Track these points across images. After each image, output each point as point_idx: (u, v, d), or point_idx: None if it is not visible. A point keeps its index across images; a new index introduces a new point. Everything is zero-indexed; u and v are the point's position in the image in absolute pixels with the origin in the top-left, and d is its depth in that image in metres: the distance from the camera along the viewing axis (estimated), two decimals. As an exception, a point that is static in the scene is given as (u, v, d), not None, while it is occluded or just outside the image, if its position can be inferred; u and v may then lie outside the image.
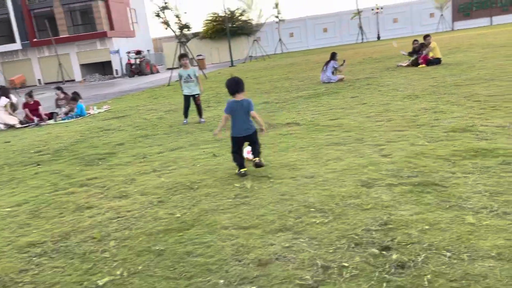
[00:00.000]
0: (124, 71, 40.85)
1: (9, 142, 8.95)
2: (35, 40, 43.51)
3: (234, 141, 4.64)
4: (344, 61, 13.13)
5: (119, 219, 3.78)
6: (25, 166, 6.37)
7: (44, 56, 44.77)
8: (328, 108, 8.02)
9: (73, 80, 43.53)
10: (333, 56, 12.49)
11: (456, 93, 7.82)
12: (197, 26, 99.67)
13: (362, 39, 49.51)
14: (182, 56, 8.84)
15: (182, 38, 20.43)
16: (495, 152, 4.24)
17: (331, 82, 12.13)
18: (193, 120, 8.56)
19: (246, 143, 4.71)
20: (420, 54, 13.49)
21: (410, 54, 14.10)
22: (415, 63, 13.54)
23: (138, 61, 40.18)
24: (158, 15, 19.97)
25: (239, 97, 4.62)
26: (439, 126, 5.55)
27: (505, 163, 3.91)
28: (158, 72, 42.69)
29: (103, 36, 42.73)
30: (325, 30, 53.99)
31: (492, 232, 2.74)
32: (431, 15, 51.88)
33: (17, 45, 44.26)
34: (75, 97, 12.31)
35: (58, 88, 12.91)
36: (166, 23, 19.86)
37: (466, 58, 13.97)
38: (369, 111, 7.22)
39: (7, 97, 11.66)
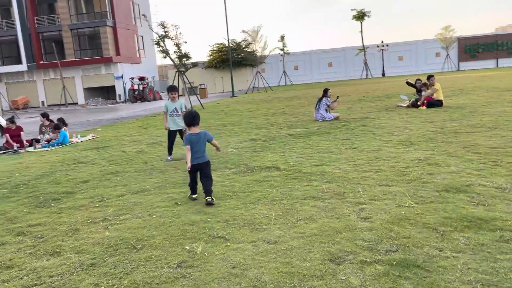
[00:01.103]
0: (127, 96, 40.74)
1: (-25, 171, 8.38)
2: (41, 62, 43.74)
3: (192, 168, 5.03)
4: (337, 97, 12.61)
5: (35, 287, 3.13)
6: (-27, 203, 5.76)
7: (49, 79, 44.90)
8: (315, 151, 7.42)
9: (76, 103, 43.47)
10: (325, 92, 11.99)
11: (454, 142, 7.20)
12: (202, 55, 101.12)
13: (367, 75, 49.47)
14: (172, 88, 8.12)
15: (181, 68, 20.11)
16: (491, 223, 3.58)
17: (326, 121, 11.58)
18: (176, 155, 7.98)
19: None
20: (420, 95, 13.02)
21: (413, 85, 13.86)
22: (415, 104, 13.02)
23: (141, 87, 40.11)
24: (158, 44, 19.74)
25: (194, 130, 5.15)
26: (431, 183, 4.91)
27: (503, 240, 3.25)
28: (161, 98, 42.59)
29: (108, 61, 42.92)
30: (330, 64, 54.09)
31: None
32: (437, 54, 51.96)
33: (23, 67, 44.49)
34: (58, 124, 11.82)
35: (44, 115, 12.45)
36: (165, 52, 19.60)
37: (469, 101, 13.44)
38: (358, 157, 6.61)
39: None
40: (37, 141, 11.60)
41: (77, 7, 43.61)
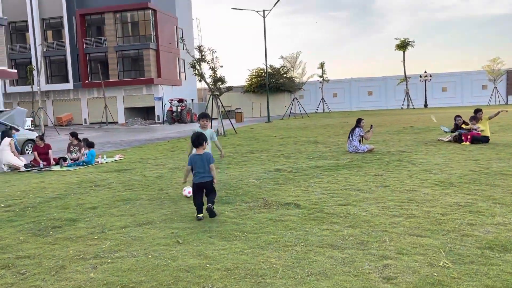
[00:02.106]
0: (165, 117, 41.35)
1: (-6, 188, 8.29)
2: (87, 81, 45.38)
3: (195, 187, 5.38)
4: (371, 126, 11.88)
5: None
6: (-25, 225, 5.51)
7: (92, 97, 46.44)
8: (342, 187, 6.78)
9: (116, 122, 44.56)
10: (358, 122, 11.32)
11: (501, 185, 6.37)
12: (242, 79, 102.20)
13: (408, 105, 48.04)
14: (203, 116, 7.42)
15: (216, 91, 20.00)
16: (549, 300, 2.86)
17: (359, 153, 10.88)
18: (191, 184, 7.54)
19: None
20: (462, 130, 12.07)
21: (453, 131, 12.66)
22: (458, 139, 12.09)
23: (179, 109, 40.66)
24: (194, 67, 19.78)
25: (199, 150, 5.47)
26: (472, 236, 4.18)
27: None
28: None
29: (150, 82, 43.94)
30: (370, 93, 53.08)
31: None
32: (484, 87, 49.95)
33: (69, 85, 46.31)
34: (92, 143, 11.71)
35: (72, 134, 12.44)
36: (201, 75, 19.58)
37: (518, 138, 12.37)
38: (388, 198, 5.92)
39: (10, 136, 11.27)
40: (64, 159, 11.56)
41: (123, 30, 45.23)
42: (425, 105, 49.15)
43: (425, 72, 49.73)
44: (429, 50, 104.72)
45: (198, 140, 5.48)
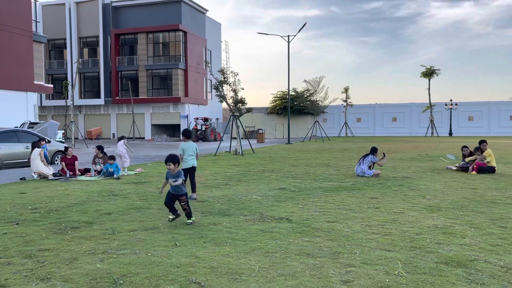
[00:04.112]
0: (190, 135, 42.47)
1: (24, 193, 9.17)
2: (117, 98, 47.25)
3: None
4: (384, 154, 12.39)
5: (13, 307, 3.39)
6: (5, 223, 6.32)
7: (122, 113, 48.24)
8: (336, 207, 7.30)
9: (143, 138, 46.06)
10: (372, 151, 11.82)
11: (486, 212, 6.77)
12: (266, 101, 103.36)
13: (432, 133, 47.73)
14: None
15: (236, 112, 20.83)
16: (474, 304, 3.34)
17: (365, 176, 11.35)
18: (199, 197, 8.22)
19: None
20: (465, 162, 12.43)
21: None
22: (465, 169, 12.38)
23: (204, 127, 41.79)
24: (216, 88, 20.71)
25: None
26: (435, 253, 4.66)
27: (477, 325, 3.02)
28: (222, 140, 43.88)
29: (177, 101, 45.40)
30: (394, 119, 52.99)
31: None
32: (512, 117, 49.14)
33: (100, 101, 48.31)
34: (113, 156, 12.60)
35: (99, 147, 13.35)
36: (222, 96, 20.47)
37: (527, 169, 12.55)
38: (375, 218, 6.42)
39: (38, 147, 12.27)
40: (88, 170, 12.47)
41: (154, 49, 47.13)
42: (450, 134, 48.74)
43: (451, 100, 49.50)
44: (458, 78, 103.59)
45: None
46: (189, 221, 6.15)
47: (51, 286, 3.83)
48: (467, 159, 12.49)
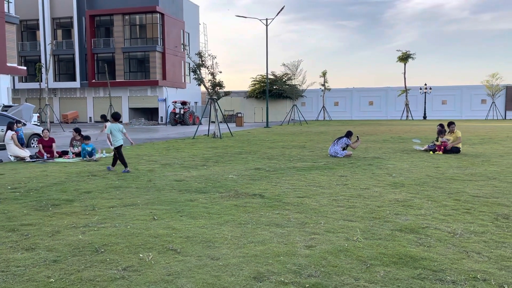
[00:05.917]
0: (168, 119, 42.40)
1: (2, 174, 9.29)
2: (93, 81, 46.58)
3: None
4: (357, 137, 12.89)
5: (1, 273, 3.66)
6: (-14, 201, 6.50)
7: (98, 97, 47.65)
8: (307, 184, 7.72)
9: (120, 122, 45.72)
10: (347, 134, 12.27)
11: (443, 187, 7.29)
12: (245, 85, 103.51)
13: (407, 116, 48.87)
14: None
15: (214, 96, 21.01)
16: (419, 262, 3.78)
17: (337, 157, 11.82)
18: (176, 177, 8.53)
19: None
20: (432, 144, 13.09)
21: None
22: (432, 149, 13.00)
23: (182, 111, 41.69)
24: (194, 71, 20.80)
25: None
26: (392, 222, 5.11)
27: (418, 277, 3.45)
28: (200, 123, 43.88)
29: (154, 84, 45.09)
30: (370, 103, 53.92)
31: None
32: (483, 101, 50.64)
33: (76, 84, 47.56)
34: (88, 136, 12.72)
35: (76, 130, 13.42)
36: (200, 79, 20.60)
37: (490, 151, 13.26)
38: (342, 193, 6.86)
39: (12, 130, 12.27)
40: (66, 153, 12.57)
41: (131, 31, 46.46)
42: (424, 117, 50.00)
43: (425, 84, 50.64)
44: (433, 62, 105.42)
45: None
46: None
47: (36, 255, 4.11)
48: (436, 142, 13.05)
